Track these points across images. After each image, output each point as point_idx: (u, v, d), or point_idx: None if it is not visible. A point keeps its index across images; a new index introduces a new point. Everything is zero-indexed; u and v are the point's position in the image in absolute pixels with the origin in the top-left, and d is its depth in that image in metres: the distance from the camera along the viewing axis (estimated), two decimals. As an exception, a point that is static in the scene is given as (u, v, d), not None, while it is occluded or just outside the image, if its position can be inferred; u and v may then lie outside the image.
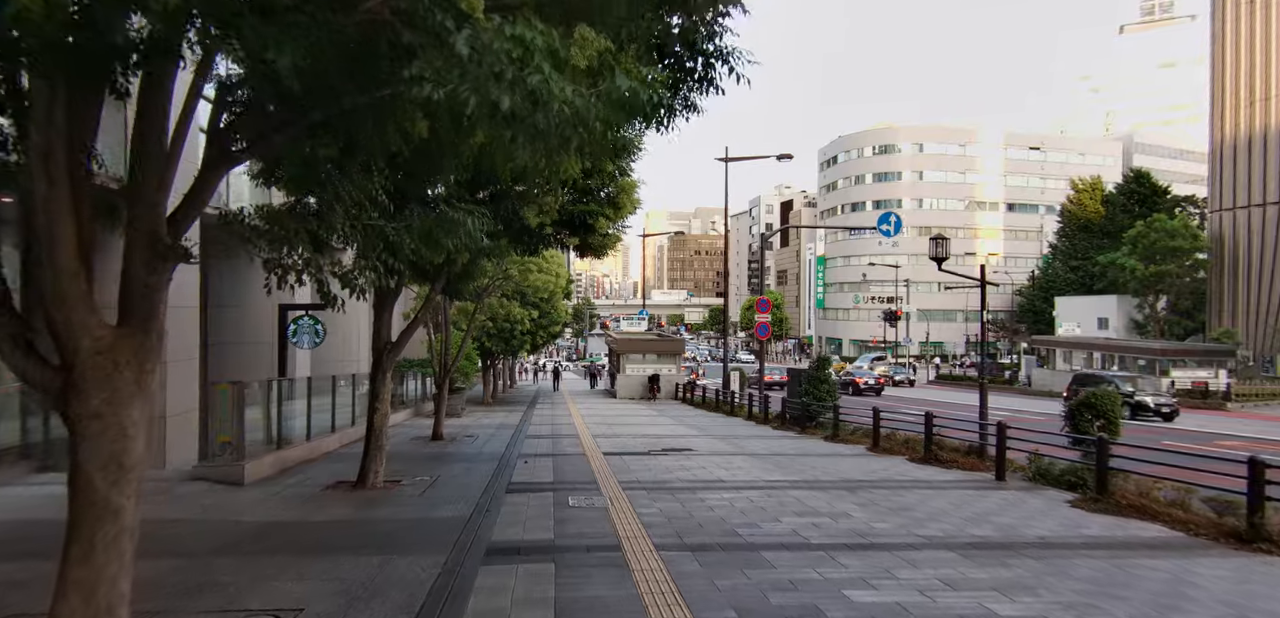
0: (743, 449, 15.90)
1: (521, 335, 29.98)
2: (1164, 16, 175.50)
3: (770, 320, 27.13)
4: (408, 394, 26.09)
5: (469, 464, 13.51)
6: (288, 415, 13.44)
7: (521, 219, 10.08)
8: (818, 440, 18.01)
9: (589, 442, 16.99)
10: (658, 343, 39.34)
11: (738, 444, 16.83)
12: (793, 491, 10.56)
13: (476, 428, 21.22)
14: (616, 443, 16.87)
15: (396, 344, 11.22)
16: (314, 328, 14.18)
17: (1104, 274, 61.69)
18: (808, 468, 13.02)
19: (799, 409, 20.76)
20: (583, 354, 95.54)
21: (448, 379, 17.70)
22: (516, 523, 8.33)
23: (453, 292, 12.63)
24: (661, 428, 20.96)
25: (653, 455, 14.67)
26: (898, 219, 26.20)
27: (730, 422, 23.62)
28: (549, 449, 15.80)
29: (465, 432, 19.90)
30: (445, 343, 17.53)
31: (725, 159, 32.11)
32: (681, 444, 16.61)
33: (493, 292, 17.83)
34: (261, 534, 7.89)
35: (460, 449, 16.12)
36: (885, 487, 11.04)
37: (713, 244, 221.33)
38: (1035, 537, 8.02)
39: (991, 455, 13.59)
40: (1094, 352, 45.56)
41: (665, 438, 18.18)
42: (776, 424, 21.96)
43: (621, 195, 10.79)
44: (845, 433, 18.07)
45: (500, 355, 34.02)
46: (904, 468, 13.25)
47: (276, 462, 12.09)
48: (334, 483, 11.11)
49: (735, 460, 13.96)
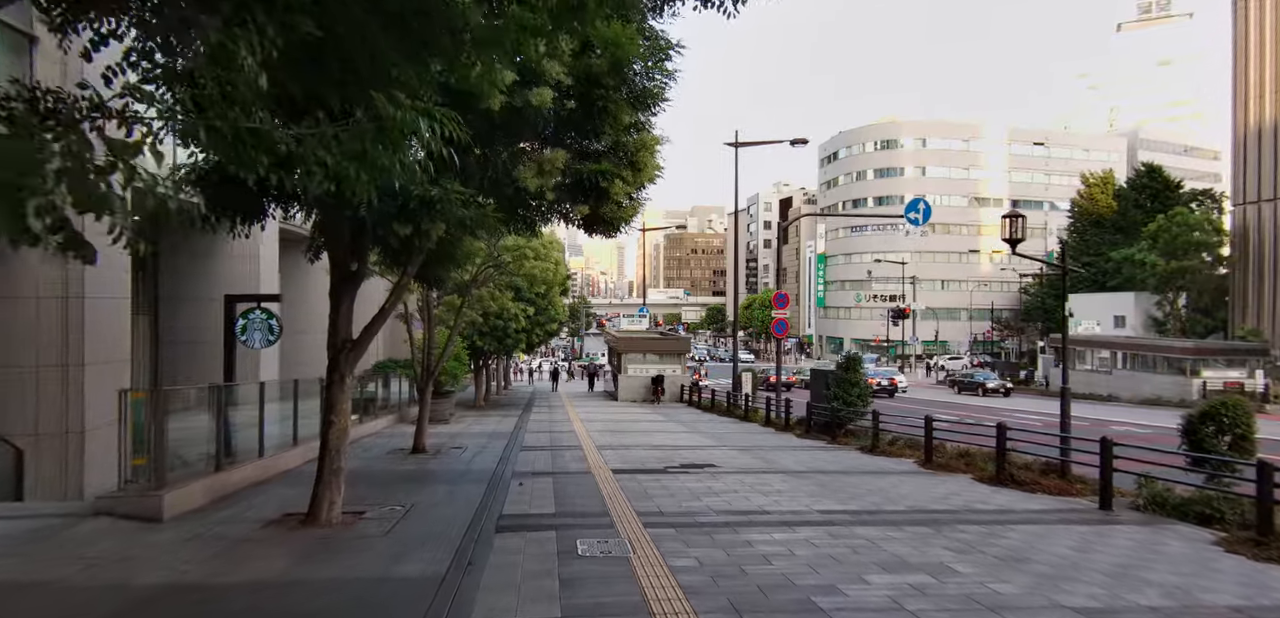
0: (773, 464, 13.65)
1: (516, 334, 27.68)
2: (1161, 14, 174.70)
3: (788, 317, 24.87)
4: (392, 398, 23.79)
5: (453, 486, 11.23)
6: (235, 428, 11.14)
7: (515, 182, 7.82)
8: (854, 452, 15.78)
9: (594, 455, 14.72)
10: (661, 342, 37.08)
11: (765, 458, 14.58)
12: (859, 528, 8.32)
13: (466, 437, 18.92)
14: (625, 456, 14.61)
15: (358, 343, 8.95)
16: (267, 324, 11.88)
17: (1118, 270, 59.67)
18: (860, 491, 10.78)
19: (827, 415, 18.54)
20: (579, 354, 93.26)
21: (432, 382, 15.41)
22: (509, 588, 6.07)
23: (430, 278, 10.33)
24: (673, 437, 18.70)
25: (670, 473, 12.42)
26: (927, 206, 24.05)
27: (746, 429, 21.38)
28: (548, 464, 13.53)
29: (453, 441, 17.61)
30: (428, 341, 15.24)
31: (735, 143, 29.87)
32: (700, 458, 14.36)
33: (483, 282, 15.53)
34: (142, 611, 5.60)
35: (445, 464, 13.84)
36: (973, 522, 8.80)
37: (709, 243, 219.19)
38: (1226, 607, 5.81)
39: (1077, 475, 11.41)
40: (1119, 351, 43.44)
41: (680, 449, 15.93)
42: (799, 432, 19.75)
43: (642, 154, 8.52)
44: (884, 443, 15.84)
45: (493, 355, 31.70)
46: (977, 492, 11.02)
47: (211, 488, 9.78)
48: (278, 517, 8.83)
49: (770, 481, 11.71)
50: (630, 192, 8.57)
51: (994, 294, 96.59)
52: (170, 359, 17.15)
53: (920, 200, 24.25)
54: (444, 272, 10.19)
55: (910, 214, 24.17)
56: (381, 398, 23.69)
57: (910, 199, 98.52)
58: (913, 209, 24.22)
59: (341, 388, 8.77)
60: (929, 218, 24.16)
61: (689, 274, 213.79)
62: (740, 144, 29.87)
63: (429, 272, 10.07)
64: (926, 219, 24.08)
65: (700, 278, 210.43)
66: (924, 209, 24.12)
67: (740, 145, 29.86)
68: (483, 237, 10.09)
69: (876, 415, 16.03)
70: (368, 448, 16.05)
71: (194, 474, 9.61)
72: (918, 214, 24.12)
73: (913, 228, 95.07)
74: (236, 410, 11.16)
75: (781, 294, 25.02)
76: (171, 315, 17.23)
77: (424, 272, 10.15)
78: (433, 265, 9.83)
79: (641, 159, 8.59)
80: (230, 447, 11.06)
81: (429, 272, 10.07)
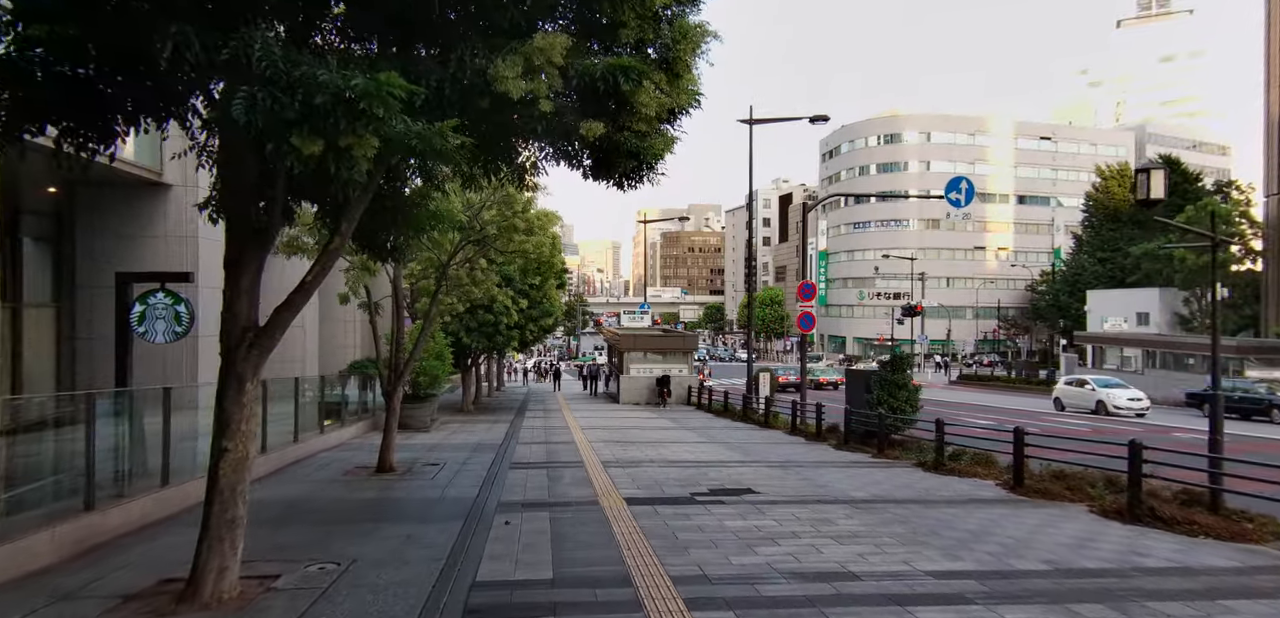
0: (826, 489, 10.88)
1: (508, 330, 24.87)
2: (1161, 11, 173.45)
3: (813, 311, 22.14)
4: (369, 403, 20.97)
5: (417, 527, 8.43)
6: (125, 450, 8.33)
7: (490, 86, 5.03)
8: (913, 470, 13.05)
9: (600, 476, 11.92)
10: (666, 339, 34.29)
11: (811, 480, 11.82)
12: (1000, 607, 5.57)
13: (446, 450, 16.10)
14: (638, 477, 11.82)
15: (265, 332, 6.15)
16: (173, 311, 9.06)
17: (1138, 266, 57.14)
18: (961, 534, 8.02)
19: (869, 423, 15.79)
20: (575, 353, 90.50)
21: (402, 384, 12.60)
22: None
23: (382, 247, 7.50)
24: (690, 449, 15.93)
25: (700, 504, 9.65)
26: (970, 186, 21.29)
27: (771, 438, 18.61)
28: (543, 490, 10.74)
29: (429, 456, 14.81)
30: (396, 334, 12.43)
31: (749, 120, 27.11)
32: (732, 479, 11.59)
33: (462, 261, 12.66)
34: None
35: (413, 489, 11.03)
36: (1170, 595, 6.04)
37: (706, 241, 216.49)
38: None
39: (1235, 508, 8.70)
40: (1154, 350, 40.86)
41: (702, 466, 13.16)
42: (835, 442, 17.00)
43: (680, 49, 5.74)
44: (953, 458, 13.09)
45: (482, 353, 28.86)
46: (1114, 533, 8.28)
47: (72, 538, 6.97)
48: (151, 587, 6.05)
49: (832, 515, 8.95)
50: (665, 105, 5.79)
51: (1000, 292, 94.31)
52: (88, 358, 14.31)
53: (962, 179, 21.51)
54: (398, 236, 7.37)
55: (952, 194, 21.41)
56: (356, 403, 20.88)
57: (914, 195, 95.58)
58: (954, 188, 21.44)
59: (239, 399, 5.97)
60: (971, 198, 21.45)
61: (686, 273, 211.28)
62: (755, 121, 27.11)
63: (378, 237, 7.25)
64: (969, 200, 21.36)
65: (697, 277, 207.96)
66: (967, 189, 21.38)
67: (755, 122, 27.09)
68: (445, 183, 7.30)
69: (941, 425, 13.26)
70: (324, 465, 13.23)
71: (41, 520, 6.80)
72: (959, 194, 21.36)
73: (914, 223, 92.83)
74: (127, 426, 8.34)
75: (807, 284, 22.30)
76: (90, 307, 14.38)
77: (371, 236, 7.35)
78: (381, 226, 7.04)
79: (679, 58, 5.81)
80: (120, 475, 8.25)
81: (378, 237, 7.25)
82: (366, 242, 7.53)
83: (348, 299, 13.19)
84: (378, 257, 8.04)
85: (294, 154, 4.59)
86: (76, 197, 14.72)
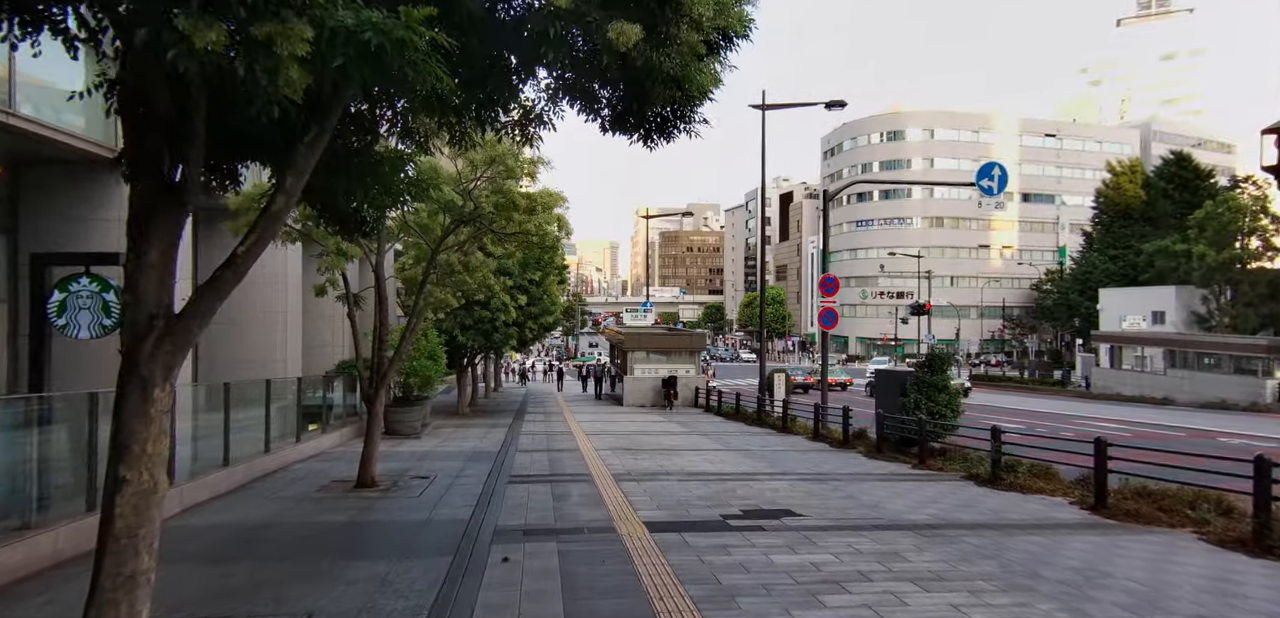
0: (879, 512, 9.32)
1: (505, 327, 23.30)
2: (1161, 10, 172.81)
3: (836, 306, 20.60)
4: (356, 407, 19.40)
5: (392, 569, 6.86)
6: (11, 472, 6.74)
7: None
8: (964, 483, 11.53)
9: (612, 492, 10.36)
10: (672, 338, 32.72)
11: (856, 498, 10.26)
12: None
13: (437, 459, 14.53)
14: (658, 494, 10.26)
15: (181, 320, 4.56)
16: (99, 299, 7.48)
17: (1151, 263, 55.71)
18: (1070, 575, 6.48)
19: (908, 429, 14.26)
20: (574, 353, 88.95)
21: (385, 386, 11.03)
22: None
23: (343, 215, 5.88)
24: (709, 459, 14.36)
25: (735, 530, 8.11)
26: (1003, 171, 19.81)
27: (793, 445, 17.07)
28: (549, 513, 9.17)
29: (418, 466, 13.25)
30: (380, 329, 10.84)
31: (762, 106, 25.61)
32: (766, 498, 10.04)
33: (453, 246, 11.03)
34: None
35: (396, 511, 9.45)
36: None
37: (705, 241, 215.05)
38: None
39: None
40: (1181, 350, 39.38)
41: (727, 479, 11.61)
42: (864, 449, 15.48)
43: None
44: (1007, 469, 11.55)
45: (479, 352, 27.26)
46: (1259, 576, 6.74)
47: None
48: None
49: (904, 551, 7.40)
50: (715, 22, 4.25)
51: (1005, 291, 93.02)
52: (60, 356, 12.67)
53: (995, 165, 20.00)
54: (367, 203, 5.78)
55: (983, 181, 19.89)
56: (342, 407, 19.33)
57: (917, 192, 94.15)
58: (986, 175, 19.93)
59: (144, 410, 4.38)
60: (1005, 185, 19.91)
61: (684, 273, 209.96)
62: (768, 107, 25.60)
63: (339, 201, 5.67)
64: (1002, 187, 19.82)
65: (696, 277, 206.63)
66: (1000, 176, 19.87)
67: (768, 107, 25.59)
68: (429, 138, 5.74)
69: (998, 433, 11.71)
70: (298, 479, 11.65)
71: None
72: (991, 181, 19.84)
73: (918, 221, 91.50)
74: (34, 441, 6.76)
75: (829, 278, 20.70)
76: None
77: (333, 203, 5.77)
78: (344, 188, 5.46)
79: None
80: (25, 502, 6.67)
81: (339, 201, 5.67)
82: (330, 211, 5.96)
83: (324, 291, 11.63)
84: (346, 232, 6.46)
85: (183, 47, 3.02)
86: (21, 178, 13.10)
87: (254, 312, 20.04)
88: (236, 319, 19.77)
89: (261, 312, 20.01)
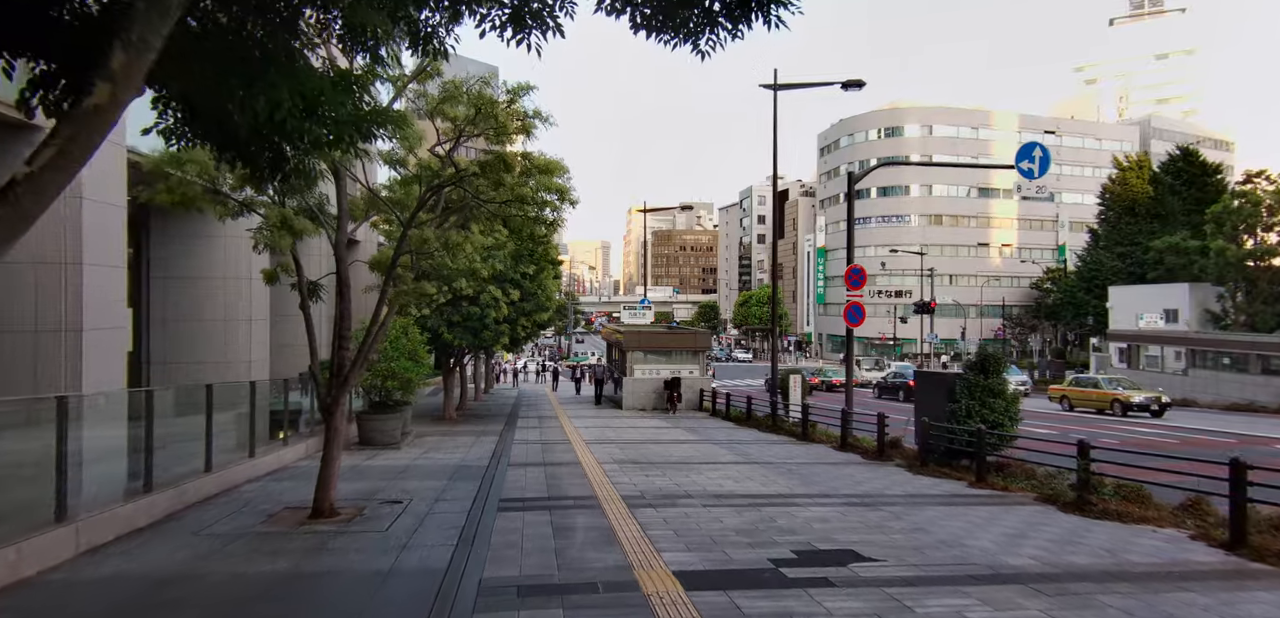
0: (969, 555, 7.38)
1: (496, 324, 21.27)
2: (1153, 9, 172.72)
3: (863, 298, 18.68)
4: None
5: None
6: None
7: None
8: (1043, 507, 9.63)
9: (629, 527, 8.38)
10: (674, 337, 30.74)
11: (928, 531, 8.32)
12: None
13: (416, 475, 12.51)
14: (686, 529, 8.29)
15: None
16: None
17: (1160, 261, 54.19)
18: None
19: (958, 441, 12.36)
20: (567, 353, 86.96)
21: (347, 391, 9.02)
22: None
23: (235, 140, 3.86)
24: (731, 475, 12.39)
25: (794, 584, 6.17)
26: (1045, 152, 17.97)
27: (819, 454, 15.15)
28: (550, 562, 7.17)
29: (392, 486, 11.23)
30: (340, 321, 8.82)
31: (774, 86, 23.71)
32: (817, 531, 8.09)
33: (428, 218, 8.86)
34: None
35: (352, 554, 7.44)
36: None
37: (698, 240, 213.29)
38: None
39: None
40: (1198, 349, 37.73)
41: (759, 502, 9.65)
42: (905, 463, 13.58)
43: None
44: (1095, 493, 9.64)
45: (468, 352, 25.20)
46: None
47: None
48: None
49: (1023, 612, 5.46)
50: None
51: (1004, 290, 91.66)
52: None
53: (1036, 145, 18.16)
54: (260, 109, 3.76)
55: (1023, 163, 18.03)
56: (313, 414, 17.26)
57: (916, 189, 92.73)
58: (1026, 156, 18.07)
59: None
60: (1047, 168, 18.07)
61: (677, 272, 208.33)
62: (781, 87, 23.69)
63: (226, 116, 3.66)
64: (1044, 170, 17.97)
65: (689, 276, 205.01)
66: (1041, 157, 18.01)
67: (781, 87, 23.68)
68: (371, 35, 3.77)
69: (1086, 447, 9.78)
70: (242, 506, 9.60)
71: None
72: (1032, 163, 17.99)
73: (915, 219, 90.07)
74: None
75: (856, 269, 18.76)
76: None
77: (213, 111, 3.76)
78: (229, 86, 3.46)
79: None
80: None
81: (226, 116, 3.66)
82: (223, 133, 3.96)
83: (276, 278, 9.60)
84: (254, 172, 4.43)
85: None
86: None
87: (215, 310, 18.01)
88: (195, 317, 17.75)
89: (223, 310, 17.98)
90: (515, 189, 7.97)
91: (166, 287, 17.75)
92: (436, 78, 8.28)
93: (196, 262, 17.69)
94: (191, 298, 17.50)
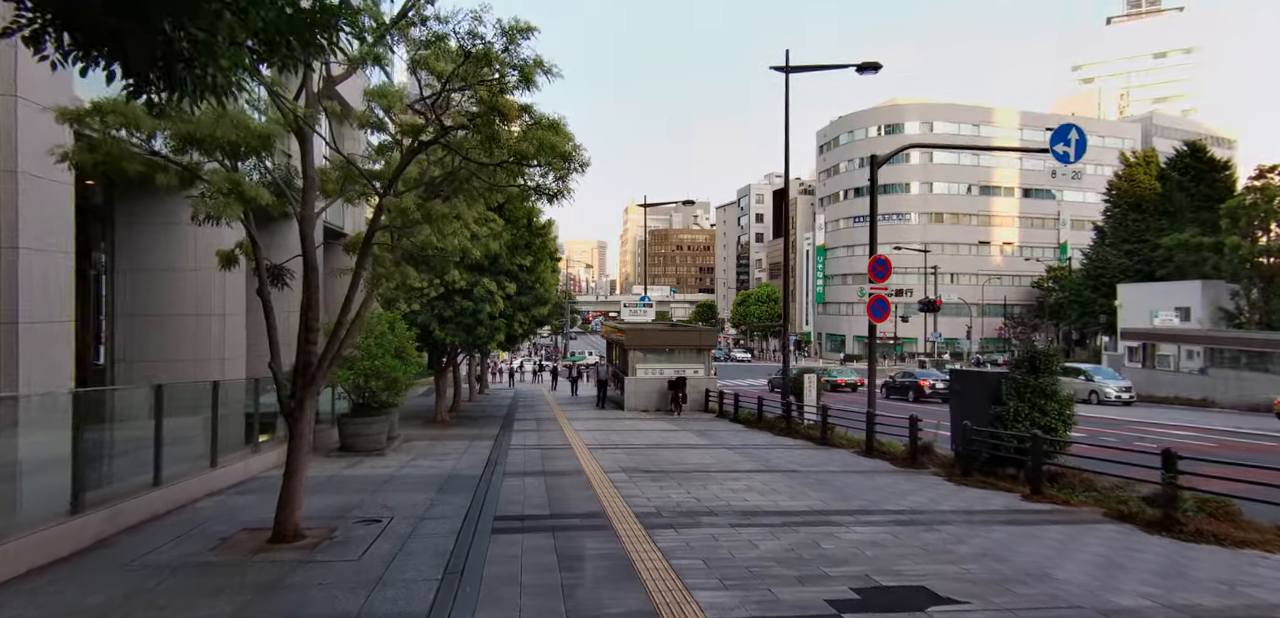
0: (1069, 595, 6.07)
1: (491, 320, 19.89)
2: (1151, 8, 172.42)
3: (887, 293, 17.40)
4: (321, 414, 15.92)
5: None
6: None
7: None
8: (1120, 527, 8.35)
9: (650, 556, 7.04)
10: (678, 334, 29.42)
11: (1010, 562, 7.00)
12: None
13: (400, 487, 11.16)
14: (716, 557, 6.95)
15: None
16: None
17: (1169, 258, 53.09)
18: None
19: (1006, 447, 11.07)
20: (564, 352, 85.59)
21: (314, 391, 7.68)
22: None
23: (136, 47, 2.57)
24: (755, 486, 11.06)
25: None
26: (1081, 134, 16.72)
27: (844, 461, 13.84)
28: (557, 601, 5.84)
29: (372, 500, 9.87)
30: (307, 312, 7.48)
31: (785, 68, 22.43)
32: (875, 563, 6.78)
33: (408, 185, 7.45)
34: None
35: (311, 599, 6.08)
36: None
37: (695, 239, 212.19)
38: None
39: None
40: (1217, 347, 36.56)
41: (795, 521, 8.32)
42: (943, 471, 12.30)
43: None
44: (1186, 513, 8.35)
45: (460, 349, 23.83)
46: None
47: None
48: None
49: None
50: None
51: (1006, 288, 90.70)
52: None
53: (1071, 127, 16.91)
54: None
55: (1058, 146, 16.77)
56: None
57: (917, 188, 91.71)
58: (1061, 139, 16.81)
59: None
60: (1083, 152, 16.81)
61: (674, 271, 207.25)
62: (793, 69, 22.40)
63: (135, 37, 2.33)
64: (1080, 154, 16.71)
65: (686, 275, 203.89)
66: (1078, 140, 16.75)
67: (793, 70, 22.39)
68: None
69: (1172, 457, 8.48)
70: (195, 526, 8.23)
71: None
72: (1068, 147, 16.73)
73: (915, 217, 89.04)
74: None
75: (880, 259, 17.48)
76: None
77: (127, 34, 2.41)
78: None
79: None
80: None
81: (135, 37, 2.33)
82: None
83: (235, 260, 8.24)
84: (138, 79, 3.08)
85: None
86: None
87: (186, 304, 16.62)
88: (163, 313, 16.39)
89: (195, 304, 16.58)
90: (514, 146, 6.62)
91: (134, 280, 16.34)
92: (420, 24, 6.94)
93: (166, 253, 16.29)
94: (161, 291, 16.10)
